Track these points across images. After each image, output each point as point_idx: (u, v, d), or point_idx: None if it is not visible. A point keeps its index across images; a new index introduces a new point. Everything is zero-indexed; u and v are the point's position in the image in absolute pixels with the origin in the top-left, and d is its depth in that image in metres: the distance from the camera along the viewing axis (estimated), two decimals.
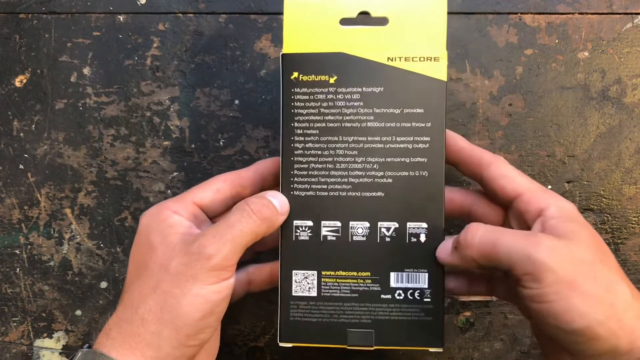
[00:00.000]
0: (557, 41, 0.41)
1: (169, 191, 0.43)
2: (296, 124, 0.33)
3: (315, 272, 0.33)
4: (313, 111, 0.33)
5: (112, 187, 0.43)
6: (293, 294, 0.33)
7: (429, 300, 0.33)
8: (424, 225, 0.32)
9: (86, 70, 0.43)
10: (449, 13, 0.41)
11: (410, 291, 0.33)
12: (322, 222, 0.33)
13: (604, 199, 0.41)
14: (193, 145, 0.42)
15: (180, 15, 0.42)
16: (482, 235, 0.29)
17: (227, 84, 0.42)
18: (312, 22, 0.33)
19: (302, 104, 0.33)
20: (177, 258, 0.30)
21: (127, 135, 0.43)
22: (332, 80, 0.32)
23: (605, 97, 0.41)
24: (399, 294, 0.33)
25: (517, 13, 0.41)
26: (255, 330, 0.43)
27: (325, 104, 0.32)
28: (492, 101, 0.41)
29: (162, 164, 0.43)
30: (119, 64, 0.42)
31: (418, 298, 0.33)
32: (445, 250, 0.32)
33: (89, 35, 0.43)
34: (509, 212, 0.33)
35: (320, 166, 0.33)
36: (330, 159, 0.33)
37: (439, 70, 0.32)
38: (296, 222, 0.33)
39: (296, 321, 0.33)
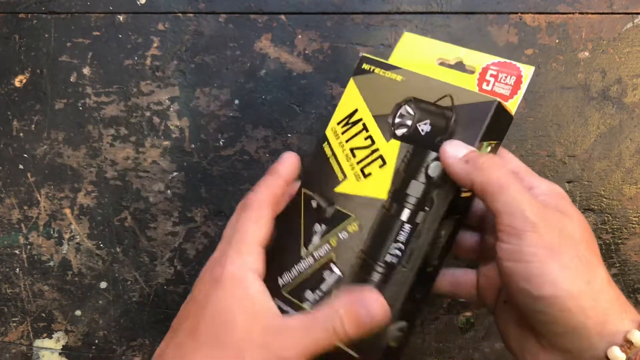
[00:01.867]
0: (557, 41, 0.41)
1: (168, 191, 0.43)
2: None
3: None
4: None
5: (112, 187, 0.43)
6: None
7: None
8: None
9: (86, 70, 0.43)
10: (449, 13, 0.41)
11: None
12: None
13: (604, 199, 0.41)
14: (193, 145, 0.42)
15: (180, 15, 0.42)
16: (499, 175, 0.28)
17: (227, 84, 0.42)
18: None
19: None
20: (255, 350, 0.28)
21: (127, 135, 0.43)
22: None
23: (605, 97, 0.41)
24: None
25: (517, 13, 0.41)
26: None
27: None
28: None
29: (162, 164, 0.43)
30: (119, 64, 0.42)
31: None
32: (454, 155, 0.29)
33: (88, 35, 0.43)
34: None
35: None
36: None
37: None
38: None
39: None
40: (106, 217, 0.43)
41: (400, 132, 0.32)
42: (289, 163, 0.34)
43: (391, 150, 0.32)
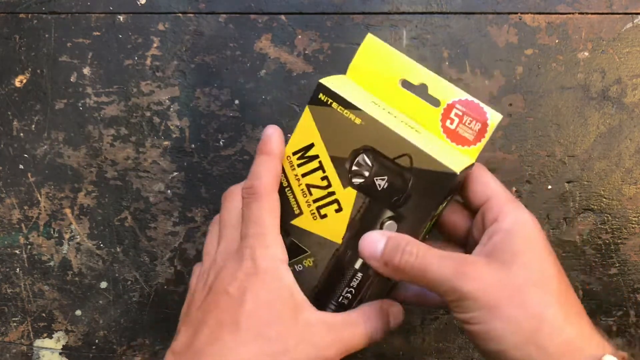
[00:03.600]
0: (557, 41, 0.41)
1: (168, 191, 0.43)
2: None
3: None
4: None
5: (112, 187, 0.43)
6: None
7: None
8: None
9: (86, 70, 0.43)
10: (448, 13, 0.41)
11: None
12: None
13: (604, 199, 0.41)
14: (193, 145, 0.42)
15: (180, 15, 0.42)
16: (413, 264, 0.29)
17: (227, 84, 0.42)
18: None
19: None
20: (299, 344, 0.29)
21: (127, 135, 0.43)
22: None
23: (605, 97, 0.41)
24: None
25: (517, 13, 0.41)
26: None
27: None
28: (492, 101, 0.41)
29: (162, 164, 0.43)
30: (119, 64, 0.42)
31: None
32: (374, 254, 0.30)
33: (89, 35, 0.43)
34: (475, 218, 0.32)
35: None
36: None
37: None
38: None
39: None
40: (106, 217, 0.43)
41: (356, 181, 0.31)
42: (277, 138, 0.33)
43: (347, 197, 0.31)
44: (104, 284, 0.44)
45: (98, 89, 0.43)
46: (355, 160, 0.31)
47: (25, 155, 0.43)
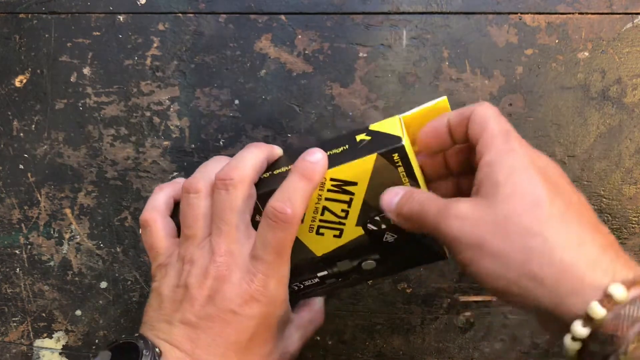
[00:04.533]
0: (557, 41, 0.41)
1: None
2: None
3: None
4: None
5: (112, 187, 0.43)
6: None
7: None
8: None
9: (86, 70, 0.43)
10: (448, 13, 0.41)
11: None
12: None
13: (604, 199, 0.41)
14: (193, 145, 0.42)
15: (180, 15, 0.42)
16: (415, 210, 0.29)
17: (227, 84, 0.42)
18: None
19: None
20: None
21: (127, 135, 0.43)
22: None
23: (605, 97, 0.41)
24: None
25: (517, 13, 0.41)
26: None
27: None
28: (492, 101, 0.41)
29: (162, 164, 0.43)
30: (119, 64, 0.42)
31: None
32: (389, 206, 0.31)
33: (89, 35, 0.43)
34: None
35: None
36: None
37: None
38: None
39: None
40: (106, 217, 0.43)
41: (371, 227, 0.33)
42: (324, 167, 0.32)
43: (353, 232, 0.33)
44: (104, 284, 0.44)
45: (98, 89, 0.43)
46: (383, 215, 0.32)
47: (25, 155, 0.43)
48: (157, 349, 0.31)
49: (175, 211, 0.36)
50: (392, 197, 0.31)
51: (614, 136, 0.41)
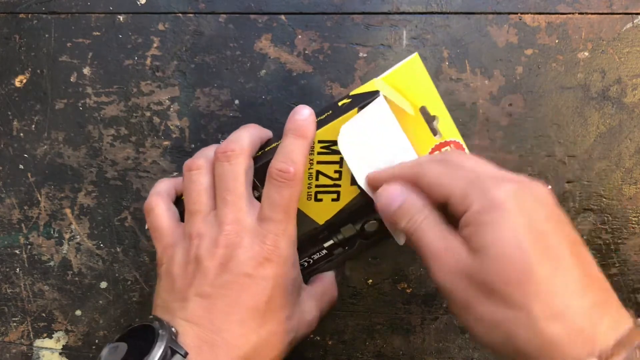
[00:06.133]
0: (557, 41, 0.41)
1: None
2: None
3: None
4: None
5: (112, 187, 0.43)
6: None
7: None
8: None
9: (86, 70, 0.43)
10: (448, 13, 0.41)
11: None
12: None
13: (604, 199, 0.41)
14: (193, 145, 0.42)
15: (180, 15, 0.42)
16: (411, 232, 0.29)
17: (227, 84, 0.42)
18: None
19: None
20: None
21: (127, 135, 0.43)
22: None
23: (605, 97, 0.41)
24: None
25: (517, 13, 0.41)
26: None
27: None
28: (492, 101, 0.41)
29: (162, 164, 0.43)
30: (119, 64, 0.42)
31: None
32: (387, 208, 0.30)
33: (89, 35, 0.43)
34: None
35: None
36: None
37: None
38: None
39: None
40: (106, 217, 0.43)
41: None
42: (313, 122, 0.33)
43: (349, 192, 0.34)
44: (104, 284, 0.44)
45: (98, 89, 0.43)
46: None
47: (25, 155, 0.43)
48: (173, 329, 0.30)
49: (178, 201, 0.36)
50: (391, 201, 0.30)
51: (614, 136, 0.41)
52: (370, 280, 0.42)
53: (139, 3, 0.42)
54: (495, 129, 0.41)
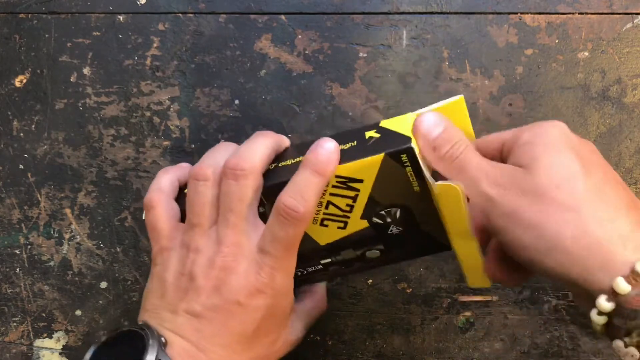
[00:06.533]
0: (557, 41, 0.41)
1: None
2: None
3: None
4: None
5: (112, 187, 0.43)
6: None
7: None
8: None
9: (86, 70, 0.43)
10: (448, 13, 0.41)
11: None
12: None
13: None
14: (193, 145, 0.42)
15: (180, 15, 0.42)
16: (456, 159, 0.30)
17: (227, 84, 0.42)
18: None
19: None
20: None
21: (127, 135, 0.43)
22: None
23: (605, 97, 0.41)
24: None
25: (517, 13, 0.41)
26: None
27: None
28: (492, 101, 0.41)
29: (162, 164, 0.43)
30: (119, 64, 0.42)
31: None
32: (428, 135, 0.30)
33: (88, 35, 0.43)
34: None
35: None
36: None
37: None
38: None
39: None
40: (106, 217, 0.43)
41: (376, 221, 0.33)
42: (336, 161, 0.31)
43: (357, 224, 0.33)
44: (104, 284, 0.44)
45: (98, 89, 0.43)
46: (389, 210, 0.32)
47: (25, 155, 0.43)
48: (162, 338, 0.30)
49: (180, 195, 0.35)
50: (433, 127, 0.30)
51: (614, 136, 0.41)
52: (370, 280, 0.42)
53: (139, 3, 0.42)
54: (496, 129, 0.41)
